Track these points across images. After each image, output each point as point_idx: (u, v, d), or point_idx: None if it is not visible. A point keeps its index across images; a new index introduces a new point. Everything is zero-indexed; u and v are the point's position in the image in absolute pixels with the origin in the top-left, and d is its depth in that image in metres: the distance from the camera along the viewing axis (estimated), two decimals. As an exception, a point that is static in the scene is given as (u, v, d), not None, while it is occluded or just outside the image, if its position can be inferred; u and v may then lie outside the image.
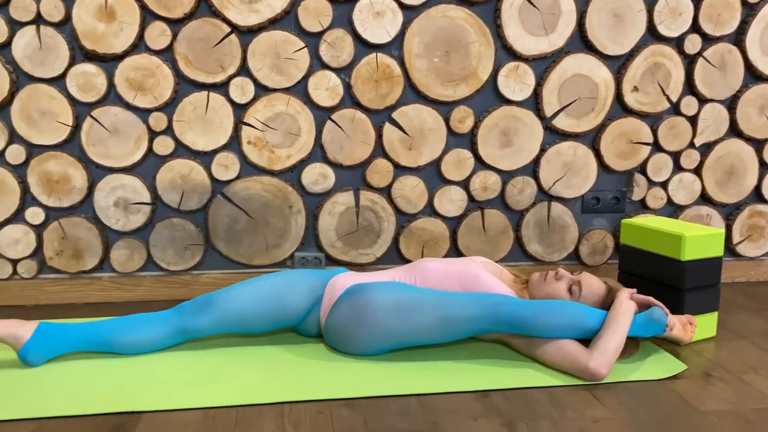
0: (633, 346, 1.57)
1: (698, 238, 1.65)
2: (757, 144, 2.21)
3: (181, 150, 1.94)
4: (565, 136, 2.10)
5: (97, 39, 1.83)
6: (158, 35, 1.86)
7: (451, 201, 2.07)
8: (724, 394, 1.39)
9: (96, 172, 1.93)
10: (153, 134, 1.92)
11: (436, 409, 1.31)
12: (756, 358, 1.59)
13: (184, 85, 1.91)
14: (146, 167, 1.94)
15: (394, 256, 2.08)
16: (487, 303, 1.50)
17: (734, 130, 2.19)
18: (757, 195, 2.25)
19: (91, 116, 1.88)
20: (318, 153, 2.00)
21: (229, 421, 1.26)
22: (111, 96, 1.89)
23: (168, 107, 1.91)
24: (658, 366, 1.51)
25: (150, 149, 1.92)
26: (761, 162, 2.22)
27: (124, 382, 1.40)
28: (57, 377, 1.42)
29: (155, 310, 1.86)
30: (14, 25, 1.82)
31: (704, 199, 2.22)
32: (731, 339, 1.72)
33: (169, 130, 1.92)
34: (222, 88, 1.92)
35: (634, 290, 1.59)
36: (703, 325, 1.70)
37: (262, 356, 1.55)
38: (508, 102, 2.04)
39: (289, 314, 1.59)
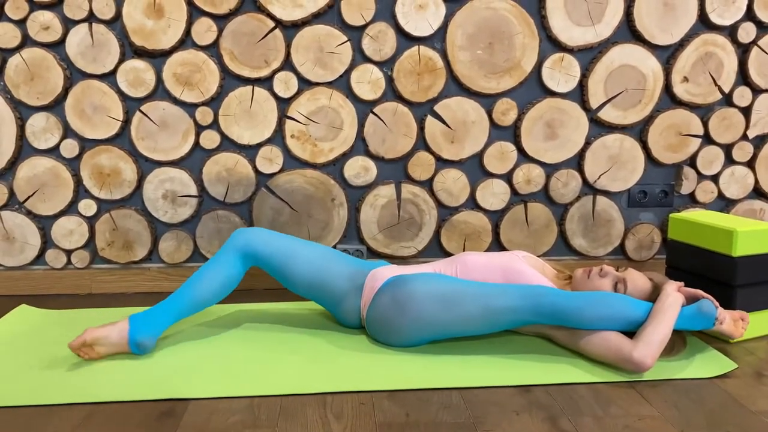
0: (681, 342, 1.53)
1: (751, 233, 1.59)
2: (815, 136, 2.12)
3: (227, 143, 1.98)
4: (612, 128, 2.06)
5: (146, 35, 1.88)
6: (204, 31, 1.89)
7: (494, 194, 2.05)
8: (777, 394, 1.35)
9: (145, 165, 1.98)
10: (199, 128, 1.96)
11: (478, 402, 1.31)
12: (812, 358, 1.54)
13: (230, 79, 1.94)
14: (193, 160, 1.98)
15: (436, 249, 2.08)
16: (530, 294, 1.49)
17: (790, 122, 2.11)
18: (814, 189, 2.16)
19: (141, 111, 1.93)
20: (360, 146, 2.01)
21: (273, 410, 1.28)
22: (159, 91, 1.94)
23: (214, 102, 1.95)
24: (707, 364, 1.48)
25: (197, 143, 1.97)
26: (819, 154, 2.13)
27: (173, 369, 1.44)
28: (108, 365, 1.47)
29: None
30: (68, 23, 1.88)
31: (757, 193, 2.15)
32: (785, 338, 1.66)
33: (215, 124, 1.96)
34: (266, 82, 1.94)
35: (682, 283, 1.55)
36: (756, 323, 1.65)
37: (306, 347, 1.57)
38: (553, 94, 2.01)
39: (326, 285, 1.61)
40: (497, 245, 2.09)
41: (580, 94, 2.02)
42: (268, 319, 1.77)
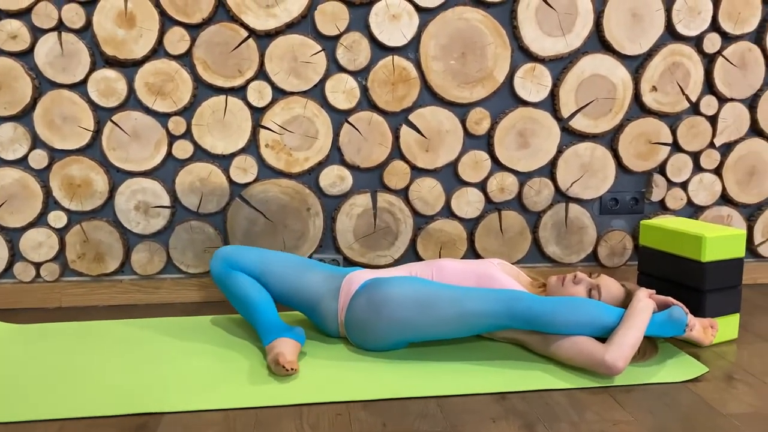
0: (653, 348, 1.56)
1: (719, 239, 1.63)
2: (779, 143, 2.18)
3: (200, 154, 1.96)
4: (583, 137, 2.09)
5: (118, 45, 1.86)
6: (177, 40, 1.88)
7: (469, 202, 2.06)
8: (747, 397, 1.38)
9: (117, 176, 1.95)
10: (172, 138, 1.94)
11: (455, 411, 1.31)
12: (779, 361, 1.57)
13: (203, 89, 1.93)
14: (166, 171, 1.96)
15: (412, 258, 2.09)
16: (505, 298, 1.50)
17: (755, 130, 2.16)
18: (779, 195, 2.22)
19: (112, 121, 1.90)
20: (335, 155, 2.01)
21: (248, 422, 1.27)
22: (131, 101, 1.92)
23: (187, 111, 1.93)
24: (679, 368, 1.50)
25: (169, 153, 1.95)
26: (783, 161, 2.19)
27: (147, 383, 1.42)
28: (79, 378, 1.44)
29: (176, 313, 1.90)
30: (36, 32, 1.85)
31: (725, 199, 2.20)
32: (754, 341, 1.70)
33: (188, 134, 1.94)
34: (240, 92, 1.94)
35: (653, 291, 1.57)
36: (725, 328, 1.68)
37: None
38: (525, 103, 2.04)
39: (303, 290, 1.63)
40: (473, 253, 2.10)
41: (551, 104, 2.05)
42: (243, 330, 1.75)
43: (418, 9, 1.93)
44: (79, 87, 1.89)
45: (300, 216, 2.01)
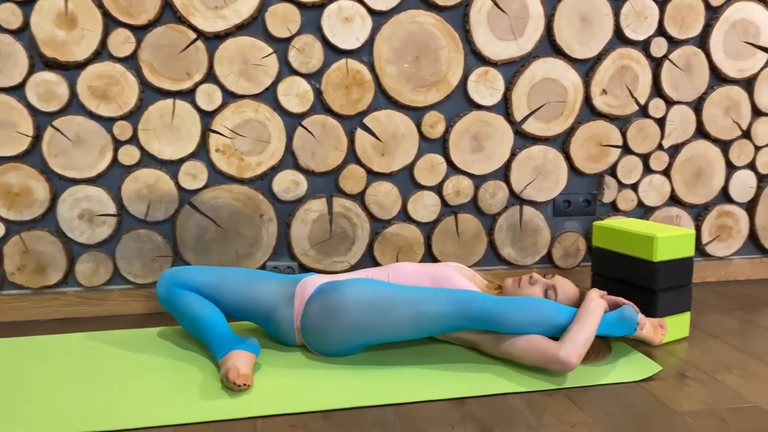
0: (606, 348, 1.57)
1: (670, 239, 1.66)
2: (724, 145, 2.24)
3: (147, 159, 1.89)
4: (536, 140, 2.10)
5: (58, 46, 1.78)
6: (122, 42, 1.81)
7: (425, 206, 2.05)
8: (699, 394, 1.40)
9: (59, 183, 1.87)
10: (118, 144, 1.87)
11: (413, 418, 1.29)
12: (729, 358, 1.60)
13: (150, 92, 1.86)
14: (111, 178, 1.89)
15: (369, 263, 2.06)
16: (460, 298, 1.50)
17: (701, 132, 2.22)
18: (724, 195, 2.28)
19: (53, 126, 1.82)
20: (289, 160, 1.97)
21: (200, 438, 1.22)
22: (74, 105, 1.84)
23: (133, 116, 1.86)
24: (633, 368, 1.51)
25: (115, 159, 1.87)
26: (728, 163, 2.25)
27: (91, 400, 1.35)
28: (18, 398, 1.36)
29: (124, 325, 1.83)
30: (-30, 33, 1.76)
31: (674, 200, 2.24)
32: (704, 339, 1.73)
33: (134, 139, 1.87)
34: (188, 95, 1.88)
35: (605, 291, 1.59)
36: (676, 326, 1.71)
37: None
38: (479, 107, 2.04)
39: (256, 299, 1.59)
40: (430, 257, 2.09)
41: (504, 107, 2.06)
42: (195, 342, 1.69)
43: (371, 12, 1.91)
44: (17, 90, 1.80)
45: (253, 223, 1.96)
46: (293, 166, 1.97)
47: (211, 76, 1.88)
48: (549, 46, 2.05)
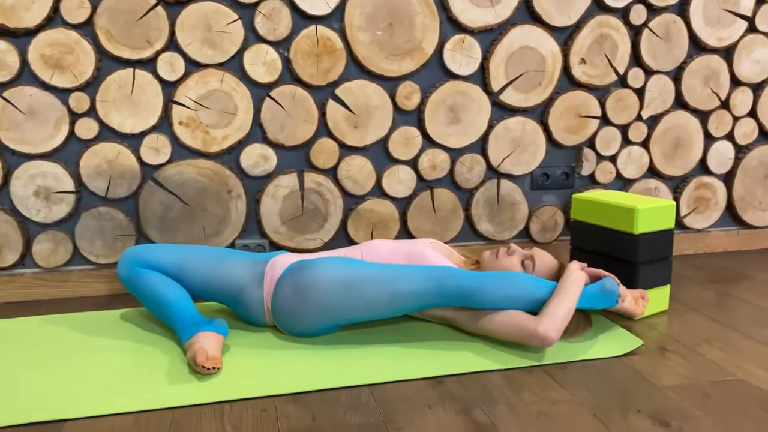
0: (586, 322, 1.53)
1: (650, 211, 1.62)
2: (702, 116, 2.21)
3: (107, 133, 1.79)
4: (513, 111, 2.04)
5: (5, 12, 1.66)
6: (76, 8, 1.70)
7: (400, 181, 1.98)
8: (681, 368, 1.37)
9: (12, 159, 1.76)
10: (74, 116, 1.76)
11: (389, 398, 1.24)
12: (708, 330, 1.58)
13: (107, 62, 1.76)
14: (68, 152, 1.78)
15: (343, 240, 1.99)
16: (436, 276, 1.44)
17: (680, 102, 2.18)
18: (702, 167, 2.25)
19: (3, 98, 1.71)
20: (257, 133, 1.88)
21: (163, 425, 1.15)
22: (25, 75, 1.72)
23: (90, 86, 1.76)
24: (614, 342, 1.48)
25: (72, 133, 1.77)
26: (706, 134, 2.22)
27: (47, 387, 1.27)
28: (-31, 386, 1.28)
29: (86, 307, 1.74)
30: None
31: (652, 172, 2.21)
32: (683, 312, 1.71)
33: (92, 112, 1.77)
34: (149, 64, 1.78)
35: (585, 264, 1.55)
36: (656, 299, 1.68)
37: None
38: (455, 77, 1.97)
39: (224, 280, 1.52)
40: (405, 233, 2.03)
41: (481, 77, 1.99)
42: (160, 324, 1.61)
43: (342, -24, 1.82)
44: (-38, 59, 1.68)
45: (220, 199, 1.87)
46: (262, 140, 1.89)
47: (172, 44, 1.77)
48: (527, 13, 1.98)
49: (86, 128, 1.77)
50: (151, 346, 1.47)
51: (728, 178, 2.28)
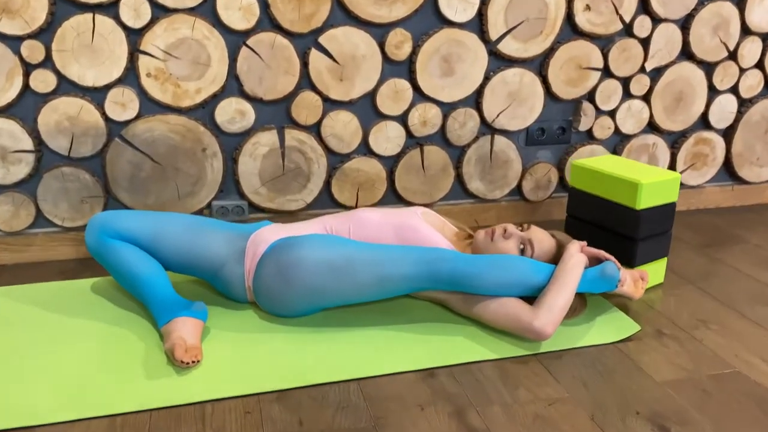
0: (581, 303, 1.47)
1: (654, 185, 1.53)
2: (708, 67, 2.08)
3: (66, 86, 1.62)
4: (511, 62, 1.90)
5: (-61, -54, 1.44)
6: (21, -59, 1.48)
7: (388, 138, 1.86)
8: (678, 358, 1.33)
9: (-40, 113, 1.59)
10: (28, 67, 1.58)
11: (379, 397, 1.18)
12: (704, 309, 1.54)
13: (62, 5, 1.56)
14: (24, 108, 1.62)
15: (327, 201, 1.89)
16: (428, 259, 1.36)
17: (686, 53, 2.05)
18: (703, 122, 2.15)
19: (-56, 46, 1.52)
20: (233, 86, 1.72)
21: (140, 430, 1.08)
22: (-32, 19, 1.53)
23: (44, 34, 1.57)
24: (610, 327, 1.43)
25: (26, 85, 1.59)
26: (710, 87, 2.10)
27: (15, 392, 1.19)
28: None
29: (54, 273, 1.64)
30: None
31: (651, 127, 2.11)
32: (678, 285, 1.66)
33: (48, 62, 1.59)
34: (110, 9, 1.58)
35: (584, 243, 1.47)
36: (652, 273, 1.62)
37: (179, 335, 1.35)
38: (450, 24, 1.80)
39: (201, 255, 1.42)
40: (393, 194, 1.93)
41: (479, 25, 1.83)
42: (124, 299, 1.52)
43: None
44: None
45: (194, 158, 1.74)
46: (238, 93, 1.73)
47: (135, -14, 1.58)
48: (531, -47, 1.80)
49: (42, 80, 1.59)
50: (125, 329, 1.38)
51: (728, 133, 2.19)
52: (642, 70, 2.02)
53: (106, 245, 1.41)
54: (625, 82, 2.02)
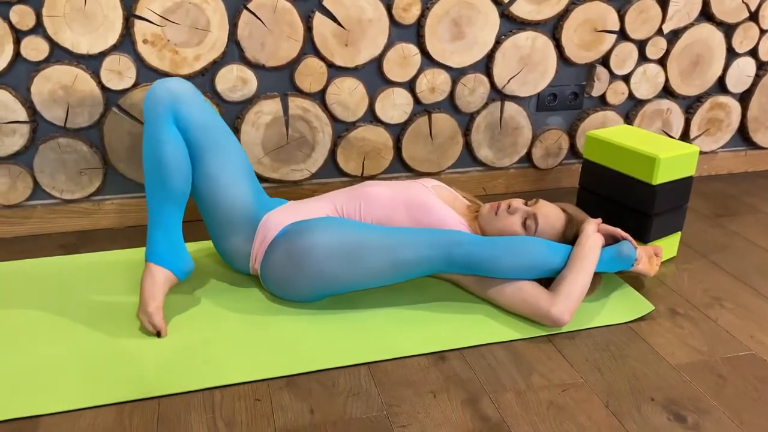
0: (596, 281, 1.44)
1: (672, 160, 1.48)
2: (727, 29, 2.00)
3: (59, 53, 1.55)
4: (524, 25, 1.82)
5: None
6: None
7: (395, 105, 1.79)
8: (693, 339, 1.31)
9: (-51, 83, 1.52)
10: (19, 34, 1.51)
11: (390, 383, 1.16)
12: (717, 285, 1.51)
13: (51, -33, 1.47)
14: (16, 76, 1.55)
15: (332, 171, 1.84)
16: (443, 242, 1.32)
17: (705, 14, 1.96)
18: (720, 85, 2.08)
19: (-71, 11, 1.44)
20: (234, 52, 1.65)
21: (149, 419, 1.07)
22: (-48, -18, 1.44)
23: (33, -3, 1.49)
24: (624, 306, 1.41)
25: (17, 53, 1.52)
26: (728, 49, 2.02)
27: (11, 381, 1.17)
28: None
29: (55, 246, 1.61)
30: None
31: (666, 91, 2.04)
32: (691, 259, 1.63)
33: (39, 28, 1.51)
34: (102, -29, 1.50)
35: (599, 220, 1.43)
36: (666, 247, 1.59)
37: (181, 323, 1.32)
38: (461, -15, 1.72)
39: (223, 204, 1.36)
40: (399, 163, 1.88)
41: (491, -15, 1.74)
42: (130, 270, 1.48)
43: None
44: None
45: (196, 128, 1.67)
46: (239, 60, 1.65)
47: (129, -54, 1.48)
48: None
49: (34, 48, 1.52)
50: (130, 310, 1.36)
51: (745, 97, 2.13)
52: (659, 32, 1.93)
53: (164, 127, 1.27)
54: (641, 45, 1.94)
